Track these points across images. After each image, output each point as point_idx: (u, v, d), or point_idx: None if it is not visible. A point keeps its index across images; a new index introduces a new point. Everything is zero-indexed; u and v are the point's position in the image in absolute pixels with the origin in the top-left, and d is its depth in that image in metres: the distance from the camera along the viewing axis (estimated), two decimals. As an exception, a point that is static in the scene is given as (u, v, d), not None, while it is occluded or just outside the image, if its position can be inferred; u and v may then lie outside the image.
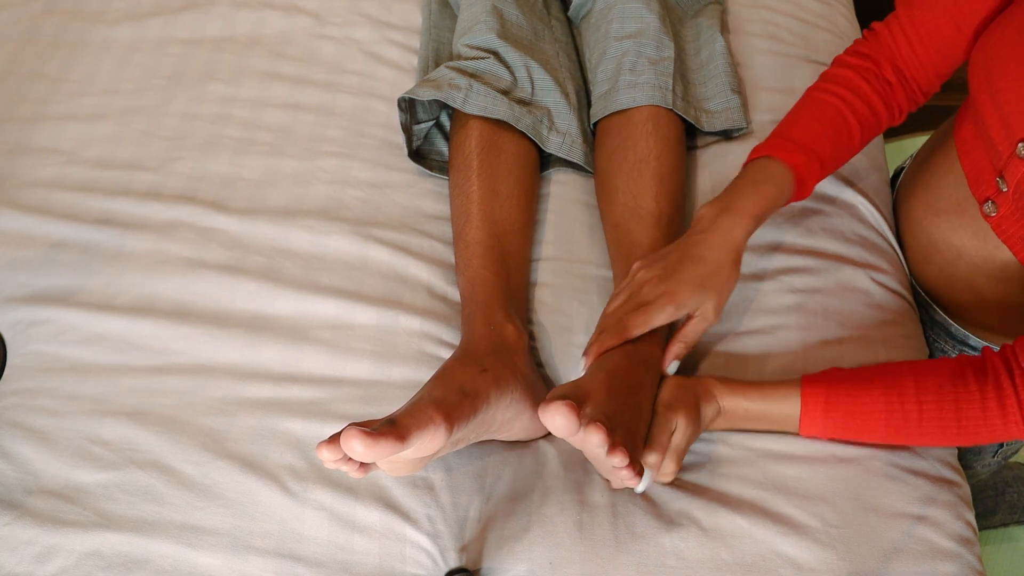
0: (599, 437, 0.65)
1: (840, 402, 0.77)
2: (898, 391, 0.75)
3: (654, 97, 0.96)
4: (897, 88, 0.86)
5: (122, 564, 0.77)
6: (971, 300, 0.89)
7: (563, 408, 0.64)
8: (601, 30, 1.04)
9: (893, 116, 0.88)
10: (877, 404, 0.75)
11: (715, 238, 0.79)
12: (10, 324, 0.93)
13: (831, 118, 0.84)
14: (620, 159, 0.94)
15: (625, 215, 0.91)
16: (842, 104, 0.84)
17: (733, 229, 0.80)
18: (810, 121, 0.84)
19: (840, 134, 0.84)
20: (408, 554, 0.77)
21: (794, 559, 0.76)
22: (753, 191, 0.81)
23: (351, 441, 0.62)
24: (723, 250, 0.79)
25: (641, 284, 0.80)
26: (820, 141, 0.83)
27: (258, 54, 1.15)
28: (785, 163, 0.82)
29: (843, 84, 0.85)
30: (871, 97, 0.85)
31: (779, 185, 0.81)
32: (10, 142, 1.07)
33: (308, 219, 0.98)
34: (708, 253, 0.79)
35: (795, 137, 0.83)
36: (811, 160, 0.82)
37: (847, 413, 0.77)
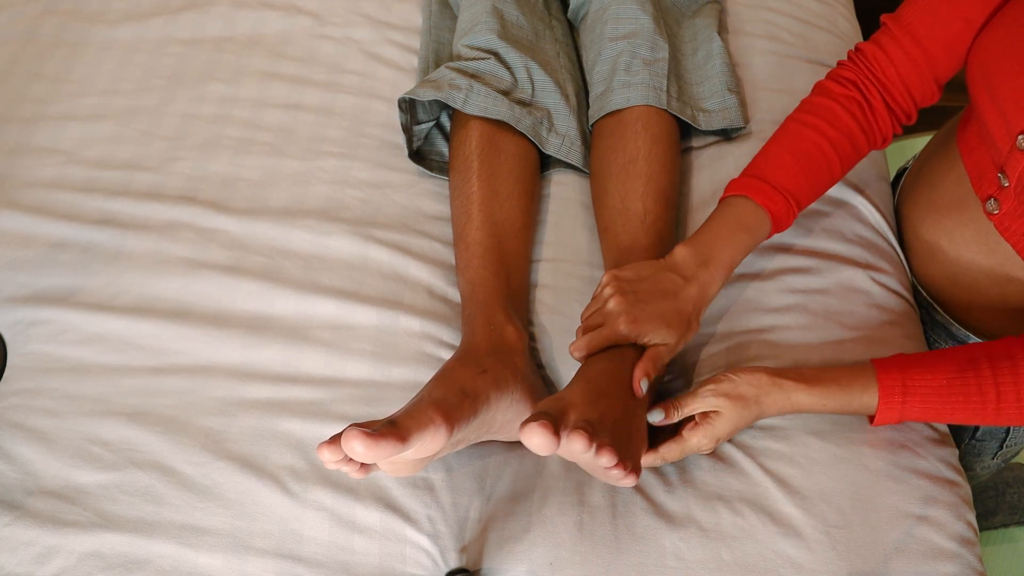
0: (581, 443, 0.65)
1: (916, 388, 0.75)
2: (974, 372, 0.74)
3: (648, 97, 0.96)
4: (882, 114, 0.85)
5: (122, 565, 0.77)
6: (973, 300, 0.89)
7: (538, 428, 0.63)
8: (596, 31, 1.05)
9: (874, 143, 0.87)
10: (954, 386, 0.74)
11: (692, 290, 0.80)
12: (10, 324, 0.93)
13: (809, 154, 0.83)
14: (610, 161, 0.95)
15: (614, 218, 0.92)
16: (821, 139, 0.83)
17: (710, 285, 0.81)
18: (788, 159, 0.83)
19: (819, 170, 0.84)
20: (408, 554, 0.77)
21: (794, 559, 0.76)
22: (731, 240, 0.81)
23: (352, 442, 0.62)
24: (695, 303, 0.80)
25: (606, 299, 0.79)
26: (798, 180, 0.83)
27: (258, 54, 1.15)
28: (763, 207, 0.82)
29: (823, 116, 0.84)
30: (852, 128, 0.84)
31: (756, 233, 0.83)
32: (10, 142, 1.07)
33: (308, 219, 0.98)
34: (680, 299, 0.79)
35: (773, 178, 0.83)
36: (789, 202, 0.83)
37: (924, 397, 0.75)
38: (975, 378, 0.74)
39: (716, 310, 0.91)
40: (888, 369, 0.76)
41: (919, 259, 0.96)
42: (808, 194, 0.85)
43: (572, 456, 0.69)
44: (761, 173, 0.83)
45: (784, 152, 0.84)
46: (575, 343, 0.80)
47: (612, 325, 0.78)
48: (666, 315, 0.78)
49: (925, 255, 0.94)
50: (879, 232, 0.97)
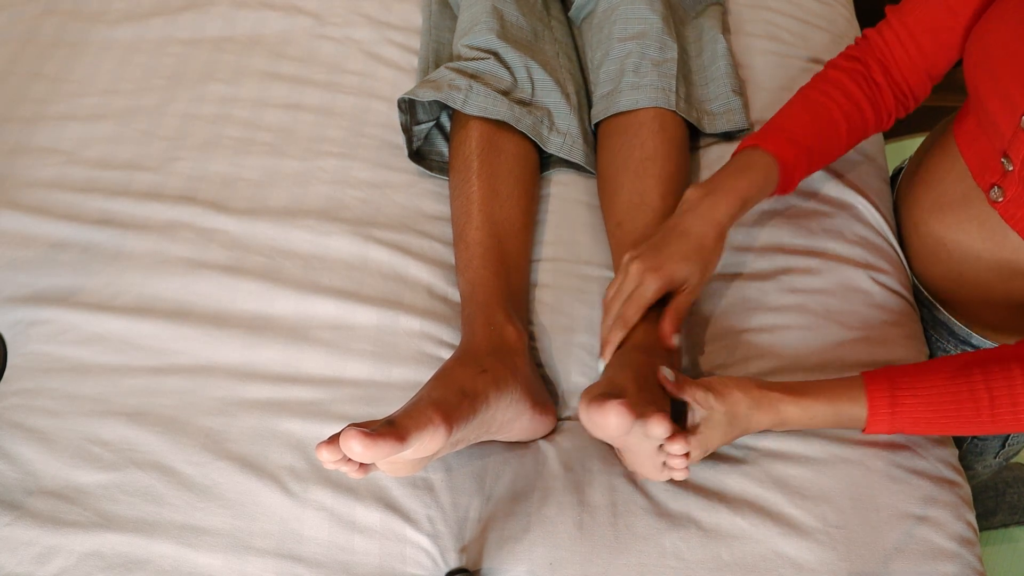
0: (664, 427, 0.65)
1: (906, 399, 0.74)
2: (966, 380, 0.73)
3: (657, 99, 0.96)
4: (885, 90, 0.88)
5: (122, 565, 0.77)
6: (978, 297, 0.89)
7: (619, 407, 0.64)
8: (604, 31, 1.04)
9: (881, 118, 0.90)
10: (945, 396, 0.73)
11: (699, 215, 0.82)
12: (10, 324, 0.93)
13: (819, 114, 0.86)
14: (625, 157, 0.94)
15: (630, 213, 0.91)
16: (831, 102, 0.87)
17: (717, 206, 0.82)
18: (799, 116, 0.87)
19: (827, 129, 0.87)
20: (408, 554, 0.77)
21: (795, 559, 0.76)
22: (738, 174, 0.84)
23: (350, 442, 0.62)
24: (707, 225, 0.81)
25: (627, 265, 0.82)
26: (807, 134, 0.86)
27: (258, 54, 1.15)
28: (771, 152, 0.84)
29: (832, 84, 0.88)
30: (859, 97, 0.87)
31: (764, 172, 0.84)
32: (10, 142, 1.07)
33: (308, 219, 0.98)
34: (692, 228, 0.81)
35: (783, 129, 0.86)
36: (798, 151, 0.85)
37: (914, 408, 0.74)
38: (967, 386, 0.73)
39: (716, 309, 0.91)
40: (877, 380, 0.75)
41: (921, 258, 0.96)
42: (818, 150, 0.87)
43: (633, 441, 0.69)
44: (772, 126, 0.87)
45: (796, 112, 0.88)
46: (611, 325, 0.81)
47: (640, 286, 0.80)
48: (684, 250, 0.80)
49: (928, 254, 0.94)
50: (879, 232, 0.97)
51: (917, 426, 0.75)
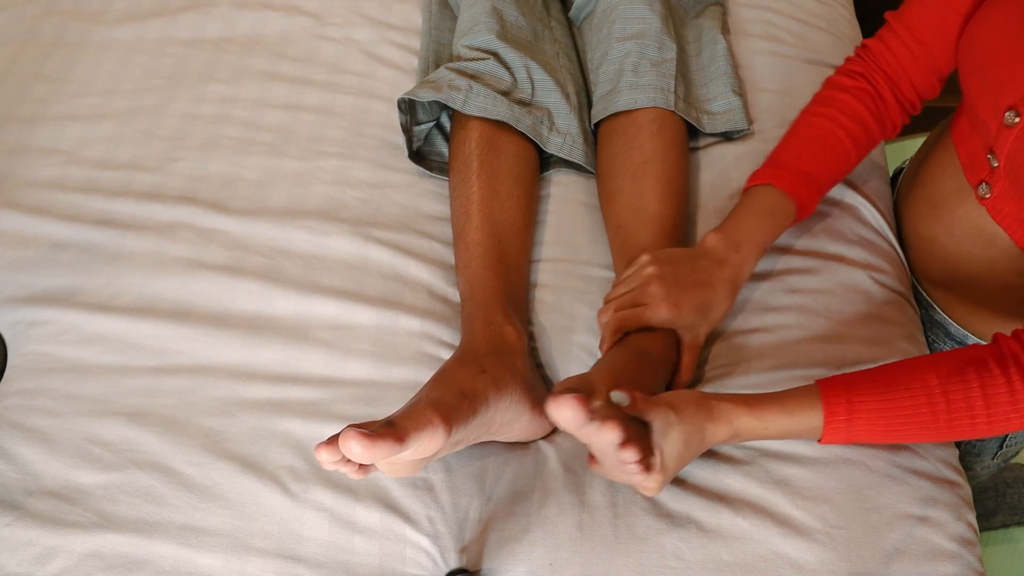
0: (615, 434, 0.63)
1: (862, 405, 0.73)
2: (922, 385, 0.71)
3: (656, 99, 0.96)
4: (891, 104, 0.89)
5: (122, 565, 0.77)
6: (973, 296, 0.89)
7: (571, 401, 0.62)
8: (603, 31, 1.04)
9: (886, 132, 0.90)
10: (902, 402, 0.72)
11: (727, 272, 0.83)
12: (10, 324, 0.93)
13: (826, 141, 0.87)
14: (624, 159, 0.94)
15: (630, 216, 0.92)
16: (836, 127, 0.87)
17: (744, 266, 0.84)
18: (807, 147, 0.87)
19: (837, 156, 0.87)
20: (408, 555, 0.77)
21: (795, 560, 0.76)
22: (760, 225, 0.85)
23: (349, 443, 0.62)
24: (731, 286, 0.83)
25: (648, 281, 0.82)
26: (818, 166, 0.86)
27: (258, 54, 1.15)
28: (787, 193, 0.85)
29: (837, 107, 0.88)
30: (864, 116, 0.88)
31: (782, 219, 0.86)
32: (10, 142, 1.07)
33: (308, 219, 0.98)
34: (717, 283, 0.82)
35: (794, 165, 0.86)
36: (811, 187, 0.86)
37: (871, 414, 0.73)
38: (924, 392, 0.71)
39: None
40: (832, 387, 0.73)
41: (918, 257, 0.96)
42: (828, 179, 0.88)
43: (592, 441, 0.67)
44: (782, 161, 0.87)
45: (801, 141, 0.88)
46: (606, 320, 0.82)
47: (653, 308, 0.80)
48: (703, 304, 0.81)
49: (924, 252, 0.94)
50: (879, 232, 0.97)
51: (874, 434, 0.75)
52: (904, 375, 0.73)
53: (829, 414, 0.73)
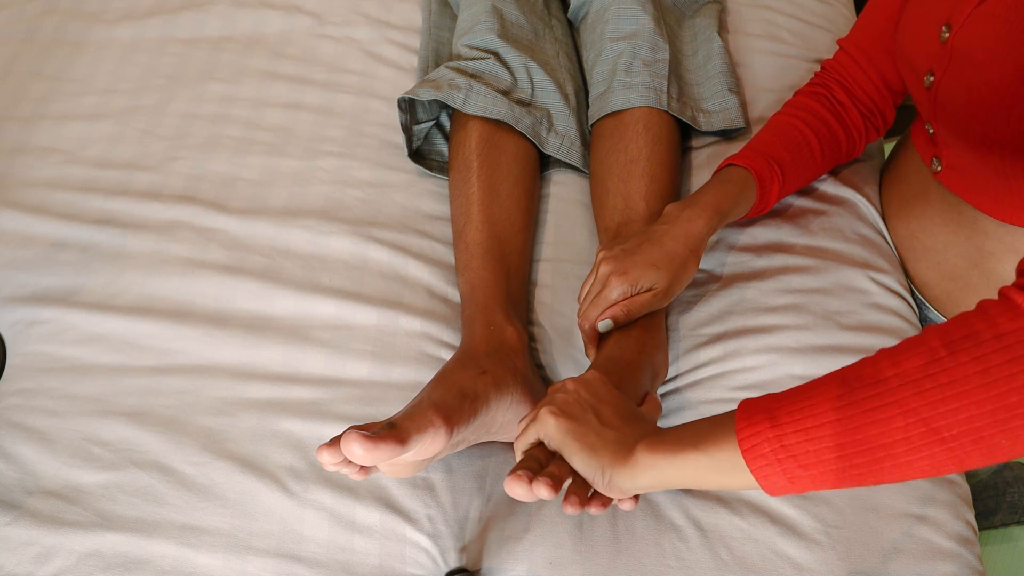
0: (546, 492, 0.60)
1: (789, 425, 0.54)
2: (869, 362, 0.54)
3: (648, 98, 0.96)
4: (850, 108, 0.93)
5: (122, 564, 0.77)
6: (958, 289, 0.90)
7: (518, 481, 0.61)
8: (597, 31, 1.04)
9: (851, 135, 0.94)
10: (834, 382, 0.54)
11: (677, 228, 0.83)
12: (10, 324, 0.93)
13: (788, 133, 0.91)
14: (612, 162, 0.95)
15: (616, 218, 0.92)
16: (798, 122, 0.91)
17: (694, 220, 0.84)
18: (769, 136, 0.91)
19: (798, 145, 0.91)
20: (408, 554, 0.78)
21: (794, 559, 0.76)
22: (714, 190, 0.87)
23: (351, 445, 0.62)
24: (682, 239, 0.83)
25: (598, 265, 0.83)
26: (778, 150, 0.90)
27: (258, 54, 1.15)
28: (747, 167, 0.88)
29: (799, 107, 0.93)
30: (825, 116, 0.92)
31: (740, 185, 0.87)
32: (10, 142, 1.07)
33: (308, 219, 0.98)
34: (666, 240, 0.83)
35: (755, 147, 0.90)
36: (770, 164, 0.88)
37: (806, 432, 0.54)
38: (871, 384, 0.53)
39: (715, 309, 0.91)
40: (749, 410, 0.57)
41: (906, 257, 0.97)
42: (791, 164, 0.90)
43: None
44: (745, 147, 0.91)
45: (764, 132, 0.92)
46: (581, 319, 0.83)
47: (607, 287, 0.81)
48: (653, 258, 0.81)
49: (909, 252, 0.95)
50: (878, 231, 0.97)
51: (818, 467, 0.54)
52: (839, 373, 0.56)
53: (744, 443, 0.55)
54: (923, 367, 0.51)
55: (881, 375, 0.52)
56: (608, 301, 0.81)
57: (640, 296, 0.82)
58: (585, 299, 0.84)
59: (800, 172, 0.92)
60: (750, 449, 0.55)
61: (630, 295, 0.81)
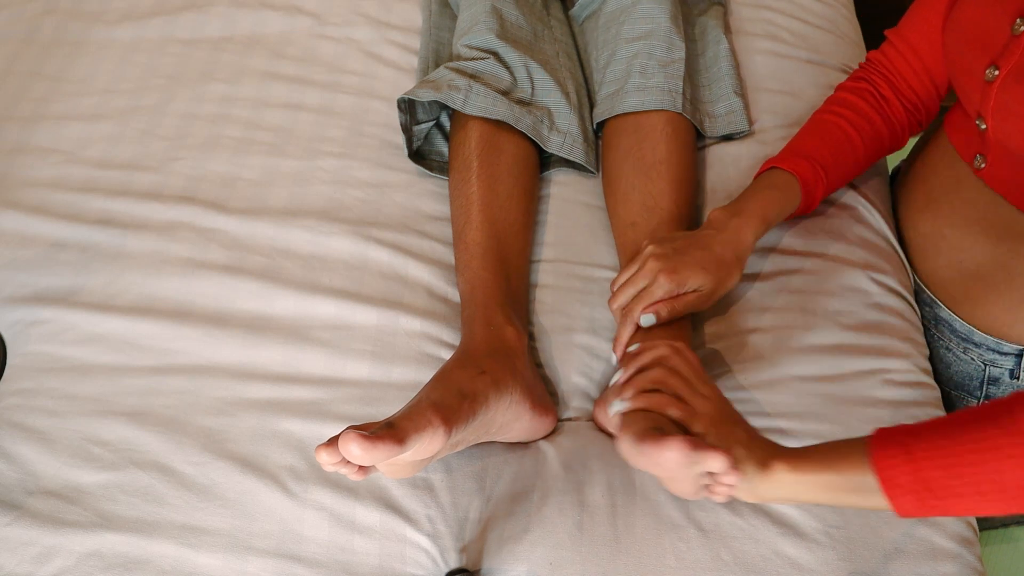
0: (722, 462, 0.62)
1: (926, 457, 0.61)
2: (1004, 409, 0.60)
3: (663, 101, 0.96)
4: (894, 103, 0.93)
5: (122, 564, 0.77)
6: (978, 288, 0.90)
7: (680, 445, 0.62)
8: (611, 31, 1.04)
9: (894, 130, 0.94)
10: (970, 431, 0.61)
11: (725, 236, 0.85)
12: (10, 324, 0.93)
13: (831, 133, 0.91)
14: (637, 159, 0.95)
15: (644, 215, 0.92)
16: (842, 120, 0.92)
17: (743, 229, 0.85)
18: (812, 137, 0.92)
19: (841, 145, 0.91)
20: (408, 554, 0.78)
21: (794, 559, 0.76)
22: (760, 196, 0.87)
23: (349, 445, 0.62)
24: (731, 246, 0.84)
25: (646, 259, 0.83)
26: (822, 151, 0.90)
27: (258, 54, 1.15)
28: (789, 171, 0.88)
29: (842, 104, 0.93)
30: (867, 111, 0.92)
31: (785, 191, 0.88)
32: (10, 142, 1.07)
33: (308, 219, 0.98)
34: (715, 246, 0.84)
35: (798, 150, 0.90)
36: (814, 167, 0.89)
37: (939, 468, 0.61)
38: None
39: (717, 310, 0.91)
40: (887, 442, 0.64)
41: (921, 255, 0.96)
42: (833, 164, 0.91)
43: (686, 470, 0.65)
44: (788, 149, 0.91)
45: (805, 133, 0.93)
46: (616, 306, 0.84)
47: (655, 283, 0.82)
48: (702, 261, 0.82)
49: (927, 249, 0.95)
50: (879, 232, 0.97)
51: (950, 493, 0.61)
52: (974, 417, 0.62)
53: (883, 473, 0.62)
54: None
55: (1018, 424, 0.59)
56: (654, 297, 0.82)
57: (686, 296, 0.83)
58: (625, 287, 0.84)
59: (843, 172, 0.92)
60: (888, 480, 0.62)
61: (675, 294, 0.82)
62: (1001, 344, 0.90)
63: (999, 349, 0.90)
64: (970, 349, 0.93)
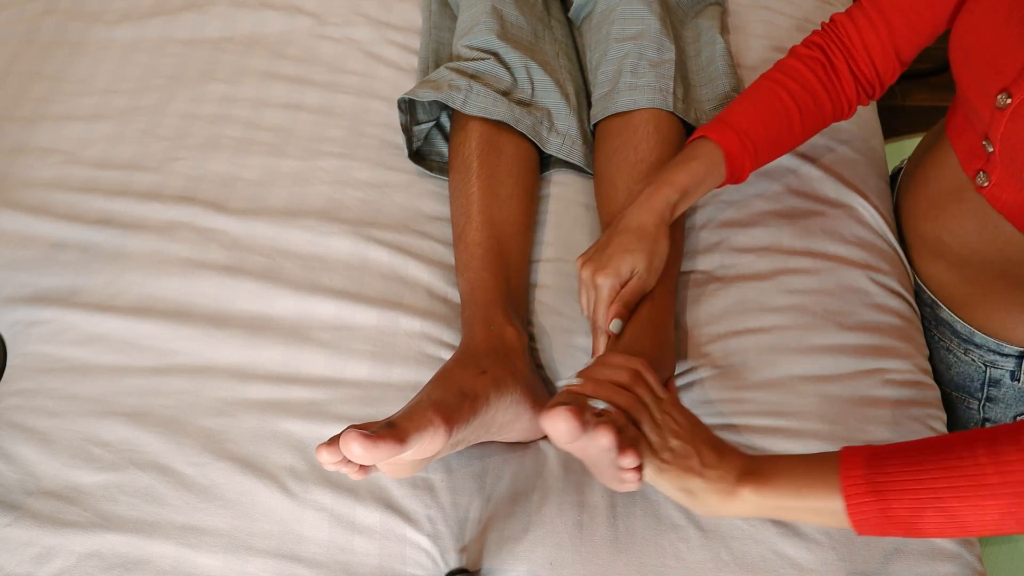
0: (608, 439, 0.63)
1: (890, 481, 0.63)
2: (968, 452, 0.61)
3: (654, 100, 0.96)
4: (846, 77, 0.90)
5: (122, 565, 0.77)
6: (978, 292, 0.90)
7: (565, 413, 0.63)
8: (602, 31, 1.04)
9: (840, 108, 0.91)
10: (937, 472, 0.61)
11: (638, 206, 0.84)
12: (10, 324, 0.93)
13: (770, 105, 0.88)
14: (621, 160, 0.95)
15: None
16: (784, 92, 0.88)
17: (654, 196, 0.84)
18: (748, 107, 0.89)
19: (778, 119, 0.88)
20: (408, 555, 0.78)
21: (794, 559, 0.76)
22: (681, 166, 0.86)
23: (350, 444, 0.62)
24: (645, 215, 0.83)
25: (579, 272, 0.84)
26: (754, 124, 0.88)
27: (258, 54, 1.15)
28: (716, 142, 0.86)
29: (789, 74, 0.90)
30: (814, 85, 0.89)
31: (707, 161, 0.86)
32: (10, 142, 1.07)
33: (308, 219, 0.98)
34: (631, 221, 0.83)
35: (730, 120, 0.88)
36: (743, 140, 0.86)
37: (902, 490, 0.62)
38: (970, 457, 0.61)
39: (716, 310, 0.91)
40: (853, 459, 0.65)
41: (922, 257, 0.96)
42: (765, 140, 0.88)
43: (586, 450, 0.67)
44: (721, 117, 0.89)
45: (746, 103, 0.89)
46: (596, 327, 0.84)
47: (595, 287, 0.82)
48: (624, 245, 0.82)
49: (928, 252, 0.95)
50: (878, 233, 0.97)
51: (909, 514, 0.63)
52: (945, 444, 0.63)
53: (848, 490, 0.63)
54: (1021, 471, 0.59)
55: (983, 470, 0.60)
56: (605, 300, 0.82)
57: (629, 284, 0.83)
58: (585, 308, 0.84)
59: (775, 147, 0.90)
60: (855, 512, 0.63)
61: (618, 287, 0.82)
62: (1002, 346, 0.90)
63: (1000, 351, 0.90)
64: (971, 350, 0.93)
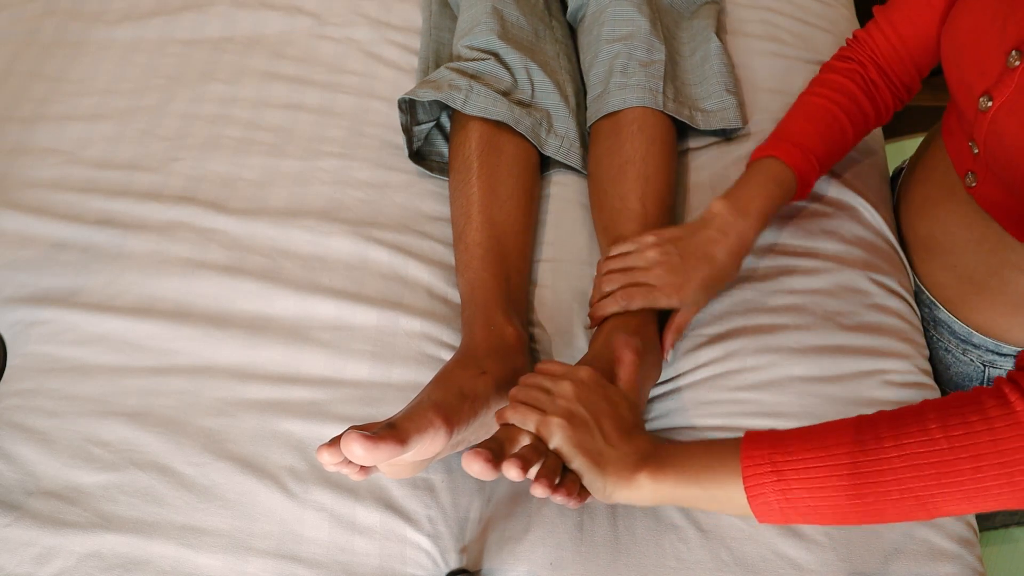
0: (515, 472, 0.61)
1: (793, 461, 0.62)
2: (872, 432, 0.61)
3: (644, 99, 0.96)
4: (882, 87, 0.92)
5: (122, 565, 0.77)
6: (973, 292, 0.90)
7: (475, 457, 0.62)
8: (593, 33, 1.05)
9: (880, 113, 0.94)
10: (842, 450, 0.61)
11: (731, 242, 0.84)
12: (10, 324, 0.93)
13: (823, 118, 0.90)
14: (608, 163, 0.95)
15: (613, 217, 0.92)
16: (832, 105, 0.90)
17: (748, 233, 0.85)
18: (805, 123, 0.90)
19: (833, 132, 0.90)
20: (408, 555, 0.78)
21: (794, 560, 0.76)
22: (762, 192, 0.86)
23: (351, 445, 0.62)
24: (736, 254, 0.85)
25: (651, 265, 0.83)
26: (815, 140, 0.89)
27: (258, 54, 1.15)
28: (787, 163, 0.87)
29: (832, 87, 0.92)
30: (858, 96, 0.91)
31: (784, 187, 0.87)
32: (10, 142, 1.07)
33: (308, 219, 0.98)
34: (721, 255, 0.84)
35: (793, 138, 0.89)
36: (809, 159, 0.88)
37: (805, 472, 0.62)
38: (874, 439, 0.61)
39: (715, 310, 0.91)
40: (755, 442, 0.64)
41: (919, 256, 0.96)
42: (826, 154, 0.90)
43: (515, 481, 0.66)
44: (783, 137, 0.90)
45: (799, 118, 0.91)
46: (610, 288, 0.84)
47: (654, 294, 0.82)
48: (707, 281, 0.83)
49: (924, 251, 0.95)
50: (879, 233, 0.97)
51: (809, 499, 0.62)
52: (848, 424, 0.63)
53: (749, 477, 0.63)
54: (922, 452, 0.59)
55: (885, 453, 0.60)
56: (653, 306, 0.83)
57: (684, 314, 0.85)
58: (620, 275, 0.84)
59: (834, 158, 0.92)
60: (755, 497, 0.62)
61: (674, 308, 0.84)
62: (1000, 346, 0.90)
63: (998, 351, 0.90)
64: (969, 350, 0.93)
